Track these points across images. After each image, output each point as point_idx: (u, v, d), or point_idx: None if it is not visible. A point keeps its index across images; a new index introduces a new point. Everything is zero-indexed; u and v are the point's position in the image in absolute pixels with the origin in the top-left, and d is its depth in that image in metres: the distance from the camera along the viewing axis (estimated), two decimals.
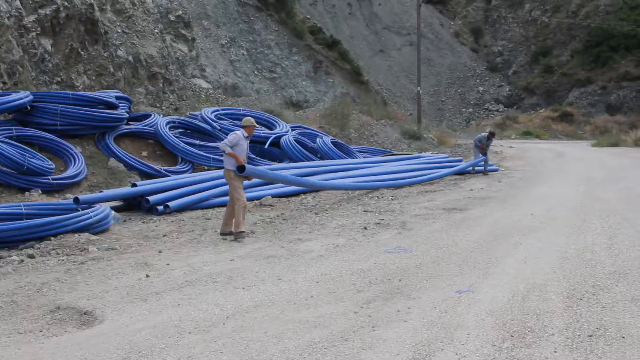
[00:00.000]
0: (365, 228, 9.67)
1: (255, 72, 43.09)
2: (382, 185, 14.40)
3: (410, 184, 15.16)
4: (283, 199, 12.87)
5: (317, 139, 18.55)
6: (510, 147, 32.55)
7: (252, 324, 5.14)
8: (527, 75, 64.30)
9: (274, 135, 17.84)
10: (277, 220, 10.53)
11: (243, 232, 8.93)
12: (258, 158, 16.86)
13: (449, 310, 5.43)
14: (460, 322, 5.10)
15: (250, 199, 12.39)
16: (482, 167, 18.69)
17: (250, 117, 9.75)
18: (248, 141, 9.36)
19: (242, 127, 9.41)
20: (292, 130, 19.12)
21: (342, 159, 17.71)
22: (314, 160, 17.09)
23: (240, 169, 8.97)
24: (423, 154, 21.95)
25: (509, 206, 11.95)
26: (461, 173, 18.08)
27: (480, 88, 65.18)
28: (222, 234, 9.21)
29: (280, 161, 17.13)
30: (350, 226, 9.89)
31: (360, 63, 54.76)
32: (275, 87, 43.60)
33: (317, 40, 49.94)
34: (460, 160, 21.01)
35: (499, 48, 70.54)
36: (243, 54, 42.97)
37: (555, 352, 4.41)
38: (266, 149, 17.52)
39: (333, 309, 5.53)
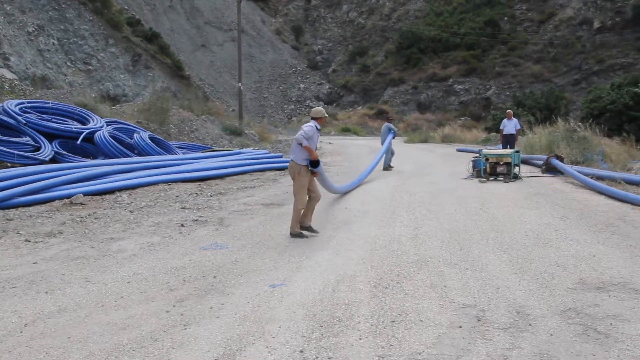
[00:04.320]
0: (182, 225, 9.48)
1: (68, 64, 40.70)
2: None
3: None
4: (96, 196, 12.25)
5: (135, 135, 17.89)
6: (330, 143, 33.69)
7: (54, 330, 4.82)
8: (345, 74, 66.99)
9: (87, 131, 16.93)
10: (89, 219, 9.99)
11: (300, 232, 8.59)
12: (70, 155, 15.92)
13: (261, 304, 5.47)
14: (272, 315, 5.15)
15: (59, 198, 11.69)
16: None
17: (319, 108, 9.14)
18: (319, 134, 8.82)
19: (314, 118, 8.81)
20: (108, 125, 18.25)
21: (160, 155, 17.24)
22: (130, 156, 16.47)
23: (314, 163, 8.55)
24: (244, 149, 22.01)
25: (325, 201, 12.27)
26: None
27: (302, 85, 66.81)
28: (302, 228, 8.70)
29: (95, 157, 16.31)
30: (166, 224, 9.64)
31: (182, 57, 53.89)
32: (91, 79, 41.52)
33: (136, 32, 48.33)
34: (280, 156, 21.31)
35: (319, 47, 72.78)
36: (53, 43, 40.39)
37: (360, 339, 4.59)
38: (78, 144, 16.57)
39: (144, 309, 5.36)
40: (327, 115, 9.18)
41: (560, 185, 14.70)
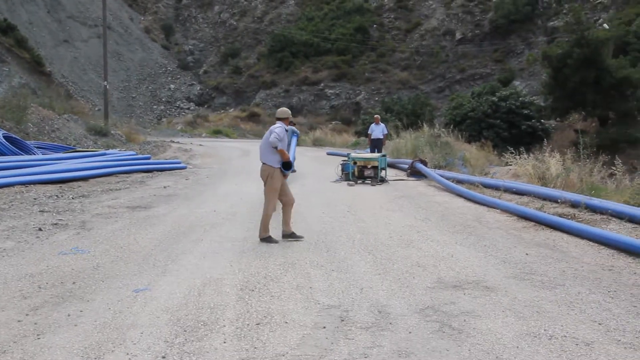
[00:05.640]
0: (40, 229, 8.96)
1: None
2: None
3: None
4: None
5: None
6: (200, 145, 33.22)
7: None
8: (217, 75, 66.29)
9: None
10: None
11: (270, 236, 8.38)
12: None
13: (123, 310, 5.27)
14: (134, 321, 4.98)
15: None
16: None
17: (285, 108, 8.77)
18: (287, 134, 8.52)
19: (280, 119, 8.48)
20: None
21: (16, 155, 16.24)
22: None
23: (287, 165, 8.33)
24: (110, 151, 21.23)
25: (194, 203, 12.11)
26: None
27: (172, 86, 65.37)
28: (285, 236, 8.50)
29: None
30: (22, 228, 9.07)
31: (42, 52, 50.94)
32: None
33: None
34: (149, 157, 20.74)
35: (190, 47, 71.59)
36: None
37: (224, 342, 4.54)
38: None
39: None
40: (290, 117, 9.09)
41: (424, 188, 15.36)
